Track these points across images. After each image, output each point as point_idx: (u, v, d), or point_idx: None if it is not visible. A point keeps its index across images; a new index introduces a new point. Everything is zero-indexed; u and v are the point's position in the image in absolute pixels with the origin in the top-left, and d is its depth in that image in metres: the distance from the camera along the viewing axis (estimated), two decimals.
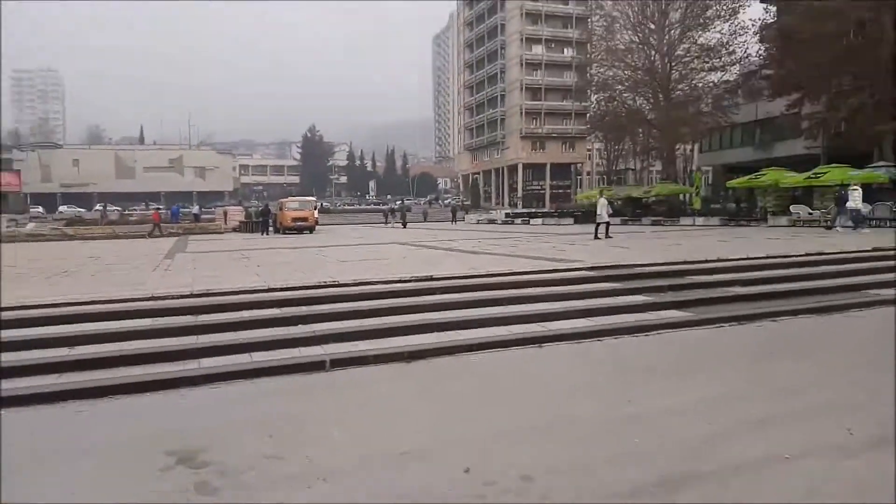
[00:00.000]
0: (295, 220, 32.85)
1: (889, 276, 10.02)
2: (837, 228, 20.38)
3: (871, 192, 27.20)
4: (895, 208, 22.44)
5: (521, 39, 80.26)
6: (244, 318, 7.36)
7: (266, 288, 8.48)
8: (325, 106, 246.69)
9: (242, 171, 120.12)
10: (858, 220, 20.21)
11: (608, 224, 20.51)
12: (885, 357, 6.11)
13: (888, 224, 22.01)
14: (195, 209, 43.79)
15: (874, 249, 12.20)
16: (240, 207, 47.44)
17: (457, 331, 7.15)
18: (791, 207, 27.18)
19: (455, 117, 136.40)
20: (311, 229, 33.13)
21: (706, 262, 10.96)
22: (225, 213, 43.20)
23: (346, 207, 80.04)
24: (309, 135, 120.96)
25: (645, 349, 6.79)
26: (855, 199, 20.26)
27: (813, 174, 28.33)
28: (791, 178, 29.16)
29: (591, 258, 11.74)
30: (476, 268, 10.54)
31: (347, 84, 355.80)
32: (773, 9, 39.16)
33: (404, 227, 38.99)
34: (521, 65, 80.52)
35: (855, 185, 20.97)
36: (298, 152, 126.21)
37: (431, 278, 9.35)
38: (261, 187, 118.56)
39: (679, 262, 10.85)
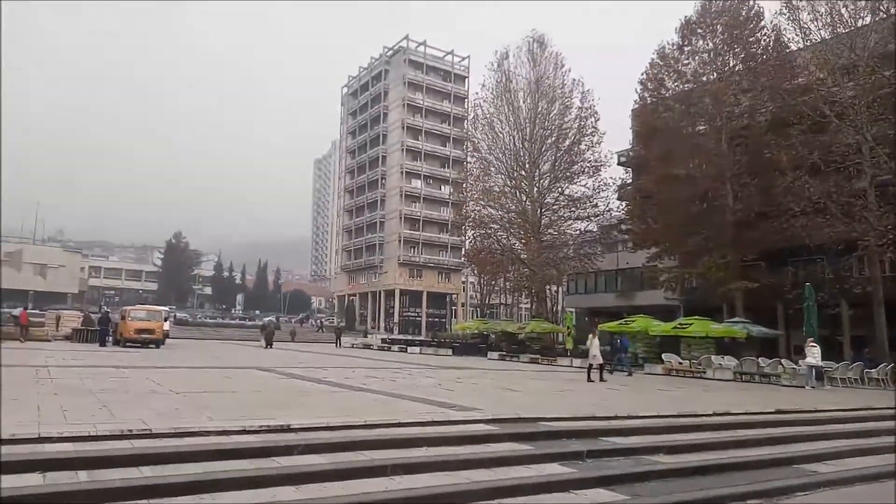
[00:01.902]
0: (139, 331, 28.40)
1: (811, 447, 9.07)
2: (805, 386, 19.53)
3: (725, 346, 28.59)
4: (762, 364, 23.01)
5: (402, 172, 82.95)
6: None
7: (35, 437, 5.71)
8: (195, 215, 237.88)
9: (94, 273, 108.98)
10: (818, 377, 19.83)
11: (602, 366, 18.66)
12: None
13: (756, 379, 22.44)
14: (16, 311, 37.07)
15: (777, 412, 11.49)
16: (76, 312, 41.06)
17: None
18: (663, 356, 27.48)
19: (333, 238, 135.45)
20: (157, 343, 28.79)
21: (616, 418, 9.51)
22: (58, 318, 36.93)
23: (208, 321, 73.22)
24: (174, 241, 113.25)
25: None
26: (814, 356, 19.96)
27: (679, 325, 29.28)
28: (659, 327, 29.92)
29: (487, 405, 9.91)
30: (350, 413, 8.32)
31: (223, 196, 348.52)
32: (630, 170, 43.06)
33: (268, 346, 35.03)
34: (401, 196, 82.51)
35: (813, 342, 20.54)
36: (160, 258, 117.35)
37: (289, 429, 7.00)
38: (113, 292, 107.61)
39: (587, 418, 9.31)
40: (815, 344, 20.44)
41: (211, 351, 28.77)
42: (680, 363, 26.65)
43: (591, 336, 19.69)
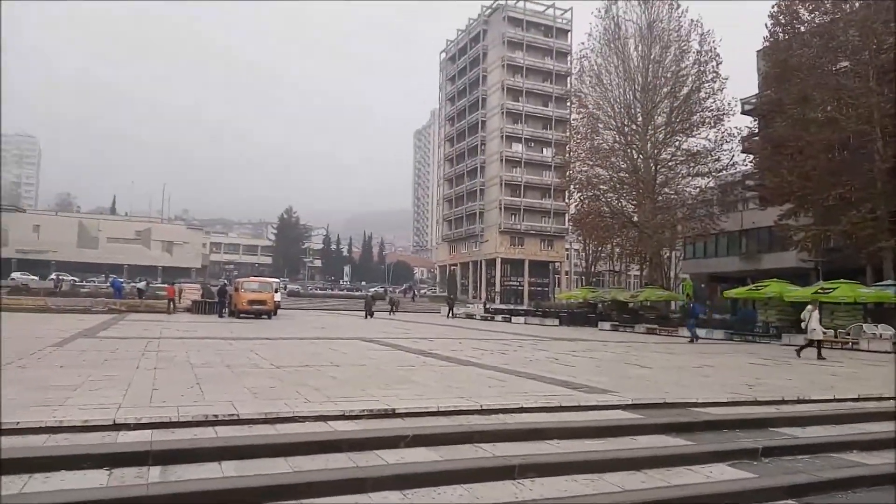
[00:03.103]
0: (251, 302, 29.24)
1: None
2: None
3: (870, 313, 25.00)
4: None
5: (502, 137, 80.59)
6: (35, 492, 3.89)
7: (110, 423, 5.03)
8: (304, 191, 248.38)
9: (214, 249, 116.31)
10: None
11: (820, 343, 16.45)
12: None
13: None
14: (141, 284, 39.60)
15: None
16: (196, 285, 43.41)
17: None
18: (803, 325, 24.40)
19: (434, 208, 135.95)
20: (269, 314, 29.53)
21: (784, 402, 7.80)
22: (180, 291, 39.16)
23: (317, 291, 76.09)
24: (285, 216, 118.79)
25: None
26: None
27: (821, 289, 25.99)
28: (796, 292, 26.71)
29: (619, 385, 8.51)
30: (462, 394, 7.23)
31: (330, 172, 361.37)
32: (757, 120, 38.76)
33: (368, 316, 34.94)
34: (502, 161, 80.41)
35: None
36: (273, 233, 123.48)
37: (394, 413, 6.01)
38: (232, 266, 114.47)
39: (748, 402, 7.68)
40: None
41: (318, 321, 29.04)
42: (824, 333, 23.56)
43: (809, 307, 17.19)
